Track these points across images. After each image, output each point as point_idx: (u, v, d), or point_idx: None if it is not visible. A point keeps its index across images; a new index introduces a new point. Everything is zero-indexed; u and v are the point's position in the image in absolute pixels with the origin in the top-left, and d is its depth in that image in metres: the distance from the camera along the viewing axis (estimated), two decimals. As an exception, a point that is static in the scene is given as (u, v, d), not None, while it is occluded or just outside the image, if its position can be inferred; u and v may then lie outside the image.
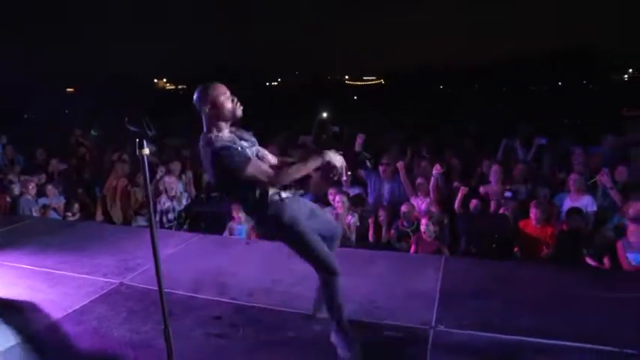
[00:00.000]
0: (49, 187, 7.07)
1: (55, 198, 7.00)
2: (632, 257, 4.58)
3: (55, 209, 6.89)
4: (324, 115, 5.01)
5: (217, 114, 2.88)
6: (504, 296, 3.82)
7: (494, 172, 6.10)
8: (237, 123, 3.04)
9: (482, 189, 6.07)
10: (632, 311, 3.50)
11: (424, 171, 6.50)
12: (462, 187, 5.81)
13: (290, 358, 3.17)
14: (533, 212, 5.14)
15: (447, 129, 11.37)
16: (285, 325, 3.53)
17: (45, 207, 6.83)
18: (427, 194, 6.01)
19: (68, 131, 10.45)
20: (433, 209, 5.67)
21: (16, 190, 7.00)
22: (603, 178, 5.45)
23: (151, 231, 2.09)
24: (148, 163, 2.23)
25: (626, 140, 7.33)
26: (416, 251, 5.15)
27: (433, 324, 3.45)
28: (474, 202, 5.76)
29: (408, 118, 15.11)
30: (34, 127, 17.97)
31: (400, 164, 6.35)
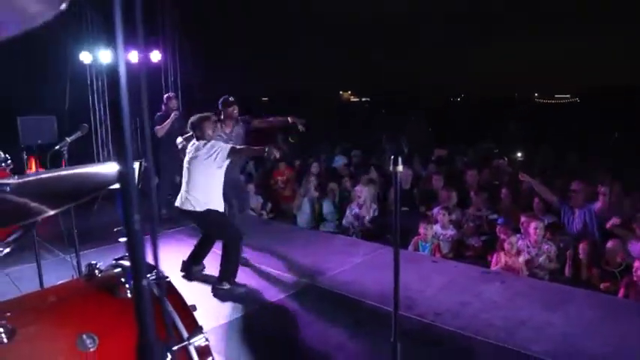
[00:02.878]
0: (250, 186, 7.83)
1: (253, 197, 7.72)
2: None
3: (252, 208, 7.60)
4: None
5: None
6: None
7: None
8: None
9: None
10: None
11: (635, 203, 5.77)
12: None
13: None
14: None
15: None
16: (472, 351, 3.41)
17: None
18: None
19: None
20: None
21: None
22: None
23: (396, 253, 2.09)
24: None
25: None
26: (626, 296, 4.58)
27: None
28: None
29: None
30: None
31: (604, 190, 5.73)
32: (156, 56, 9.15)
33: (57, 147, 3.78)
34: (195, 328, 1.58)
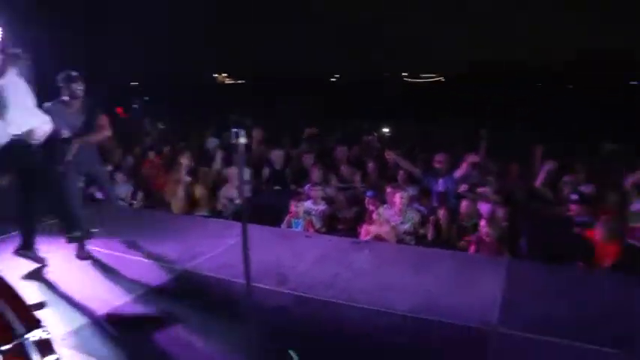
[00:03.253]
0: (120, 175, 7.39)
1: (123, 186, 7.31)
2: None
3: (122, 198, 7.19)
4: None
5: None
6: (571, 303, 3.70)
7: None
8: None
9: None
10: None
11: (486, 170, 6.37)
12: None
13: (345, 349, 3.18)
14: (600, 230, 4.82)
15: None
16: (345, 318, 3.54)
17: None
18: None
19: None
20: (497, 208, 5.52)
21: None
22: None
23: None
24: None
25: None
26: (477, 251, 5.05)
27: (495, 325, 3.37)
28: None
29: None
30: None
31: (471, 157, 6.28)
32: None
33: None
34: (32, 324, 1.45)
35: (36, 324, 1.45)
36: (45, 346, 1.44)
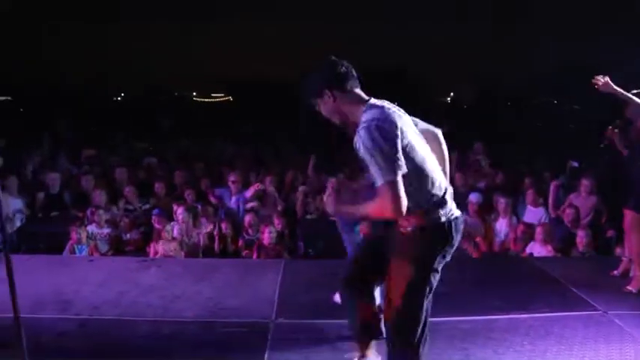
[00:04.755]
0: None
1: None
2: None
3: None
4: None
5: None
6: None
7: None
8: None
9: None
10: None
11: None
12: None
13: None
14: None
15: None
16: (133, 333, 3.65)
17: None
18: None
19: None
20: (275, 218, 6.10)
21: None
22: None
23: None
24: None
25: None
26: (258, 257, 5.55)
27: (273, 317, 3.84)
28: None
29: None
30: None
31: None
32: None
33: None
34: None
35: None
36: None
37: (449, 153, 2.75)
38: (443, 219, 2.38)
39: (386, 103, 2.42)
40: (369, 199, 2.31)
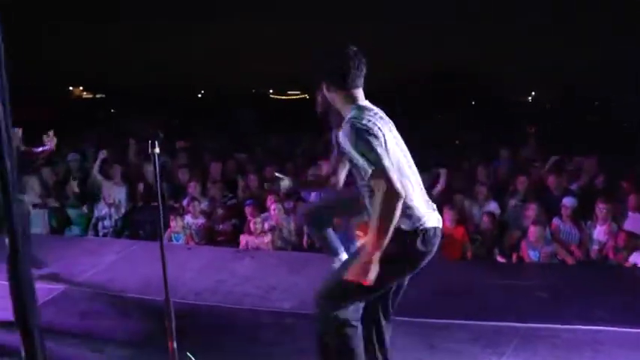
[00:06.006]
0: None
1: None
2: (532, 254, 5.33)
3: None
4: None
5: None
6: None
7: None
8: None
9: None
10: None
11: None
12: None
13: (238, 350, 3.46)
14: (446, 214, 5.67)
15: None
16: (235, 320, 3.82)
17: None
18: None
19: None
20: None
21: None
22: None
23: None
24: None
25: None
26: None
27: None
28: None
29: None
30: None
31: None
32: None
33: None
34: None
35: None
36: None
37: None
38: (406, 227, 2.35)
39: (374, 108, 2.46)
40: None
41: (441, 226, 2.50)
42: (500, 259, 5.55)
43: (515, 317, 3.66)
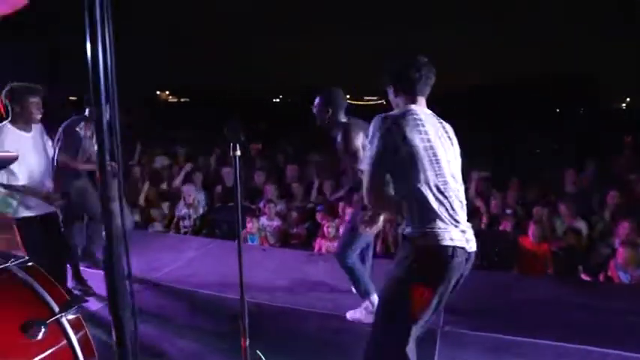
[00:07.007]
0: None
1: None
2: (622, 275, 4.93)
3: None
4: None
5: None
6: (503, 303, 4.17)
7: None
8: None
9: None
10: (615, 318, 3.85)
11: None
12: None
13: (308, 353, 3.45)
14: (531, 229, 5.45)
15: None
16: (306, 322, 3.82)
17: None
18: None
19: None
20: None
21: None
22: None
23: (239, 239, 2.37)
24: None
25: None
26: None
27: (440, 325, 3.75)
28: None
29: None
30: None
31: None
32: None
33: None
34: (65, 304, 1.70)
35: (68, 304, 1.69)
36: (76, 324, 1.69)
37: None
38: (422, 243, 2.27)
39: (423, 114, 2.38)
40: None
41: (467, 246, 2.32)
42: (584, 277, 5.20)
43: (605, 341, 3.41)
